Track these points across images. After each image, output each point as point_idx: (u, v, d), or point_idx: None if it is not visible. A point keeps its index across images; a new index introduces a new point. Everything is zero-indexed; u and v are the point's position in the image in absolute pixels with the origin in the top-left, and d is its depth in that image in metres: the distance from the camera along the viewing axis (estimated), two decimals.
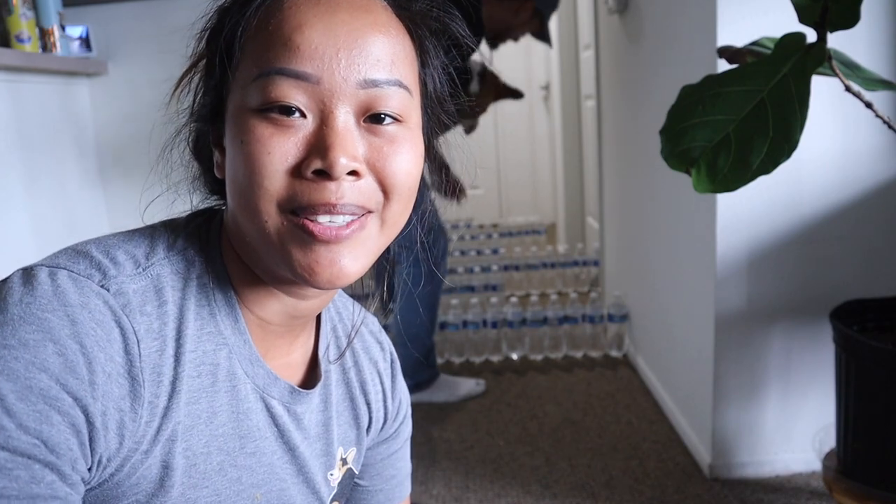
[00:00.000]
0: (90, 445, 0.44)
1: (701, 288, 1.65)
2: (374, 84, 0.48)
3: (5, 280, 0.47)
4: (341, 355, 0.65)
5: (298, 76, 0.46)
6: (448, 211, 2.84)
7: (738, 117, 0.74)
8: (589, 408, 2.08)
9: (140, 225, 0.56)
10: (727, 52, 0.92)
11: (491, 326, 2.50)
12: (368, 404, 0.68)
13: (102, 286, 0.47)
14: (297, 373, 0.61)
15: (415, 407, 2.14)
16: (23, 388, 0.41)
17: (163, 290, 0.50)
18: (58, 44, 1.95)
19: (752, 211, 1.51)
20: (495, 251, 3.55)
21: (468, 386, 2.21)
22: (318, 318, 0.64)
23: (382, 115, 0.49)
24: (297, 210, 0.47)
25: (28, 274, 0.46)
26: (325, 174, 0.46)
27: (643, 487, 1.63)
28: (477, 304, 2.55)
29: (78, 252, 0.49)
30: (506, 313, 2.50)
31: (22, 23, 1.83)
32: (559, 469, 1.74)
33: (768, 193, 1.49)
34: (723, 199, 1.50)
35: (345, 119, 0.47)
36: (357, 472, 0.69)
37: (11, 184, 1.78)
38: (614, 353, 2.48)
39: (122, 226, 0.55)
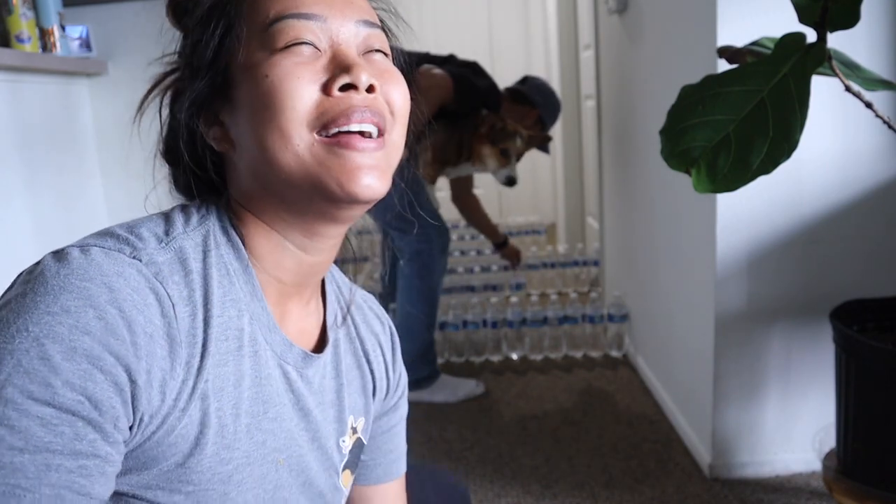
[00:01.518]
0: (132, 404, 0.47)
1: (701, 288, 1.65)
2: (366, 24, 0.57)
3: (38, 262, 0.49)
4: (344, 319, 0.69)
5: (309, 17, 0.54)
6: (448, 211, 2.84)
7: (738, 117, 0.74)
8: (589, 408, 2.08)
9: None
10: (727, 52, 0.91)
11: (491, 326, 2.50)
12: (373, 373, 0.71)
13: (134, 257, 0.50)
14: (311, 340, 0.65)
15: (415, 407, 2.14)
16: (67, 349, 0.44)
17: (186, 260, 0.53)
18: (58, 44, 1.95)
19: (752, 211, 1.51)
20: (495, 251, 3.54)
21: (468, 387, 2.21)
22: (325, 291, 0.68)
23: (376, 50, 0.57)
24: (329, 124, 0.53)
25: (60, 253, 0.49)
26: (352, 87, 0.53)
27: (643, 487, 1.63)
28: (477, 304, 2.55)
29: (104, 233, 0.53)
30: (506, 313, 2.50)
31: (22, 23, 1.83)
32: (559, 469, 1.74)
33: (768, 193, 1.49)
34: (723, 199, 1.50)
35: (354, 49, 0.56)
36: (365, 443, 0.71)
37: (12, 183, 1.78)
38: (614, 353, 2.48)
39: None
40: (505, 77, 2.67)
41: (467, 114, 2.30)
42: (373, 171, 0.53)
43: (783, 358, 1.58)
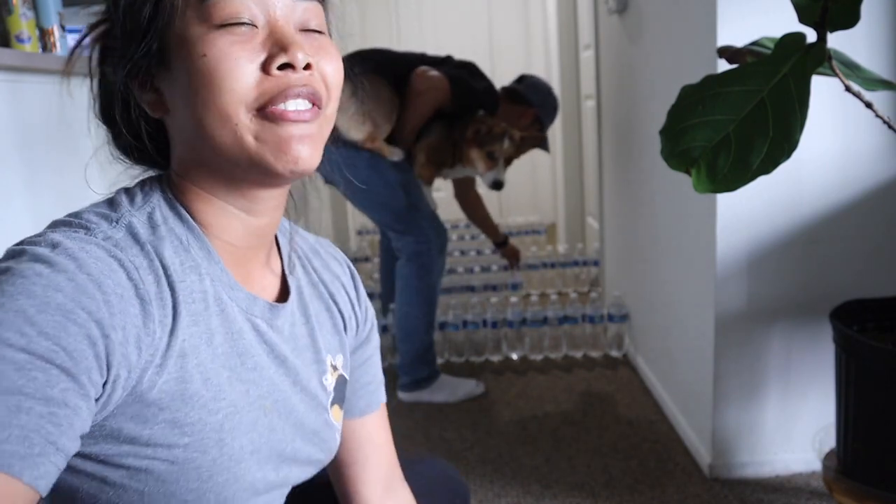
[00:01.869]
0: (106, 359, 0.49)
1: (701, 288, 1.65)
2: None
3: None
4: (292, 250, 0.71)
5: None
6: (447, 211, 2.85)
7: (738, 117, 0.74)
8: (589, 408, 2.08)
9: None
10: (727, 52, 0.91)
11: (491, 326, 2.50)
12: (341, 312, 0.75)
13: (90, 235, 0.53)
14: (273, 293, 0.67)
15: (415, 407, 2.15)
16: (41, 303, 0.46)
17: (138, 235, 0.56)
18: (58, 44, 1.95)
19: (752, 211, 1.51)
20: (495, 251, 3.54)
21: (468, 387, 2.21)
22: (279, 244, 0.71)
23: (312, 29, 0.58)
24: (267, 104, 0.54)
25: (18, 244, 0.51)
26: (289, 66, 0.55)
27: (643, 487, 1.63)
28: (477, 304, 2.55)
29: (53, 223, 0.55)
30: (506, 313, 2.50)
31: (22, 23, 1.83)
32: (559, 469, 1.74)
33: (768, 193, 1.49)
34: (723, 199, 1.50)
35: (291, 26, 0.57)
36: (348, 379, 0.75)
37: (12, 184, 1.78)
38: (614, 353, 2.48)
39: None
40: (505, 78, 2.67)
41: (464, 116, 2.29)
42: (305, 141, 0.56)
43: (783, 358, 1.58)
